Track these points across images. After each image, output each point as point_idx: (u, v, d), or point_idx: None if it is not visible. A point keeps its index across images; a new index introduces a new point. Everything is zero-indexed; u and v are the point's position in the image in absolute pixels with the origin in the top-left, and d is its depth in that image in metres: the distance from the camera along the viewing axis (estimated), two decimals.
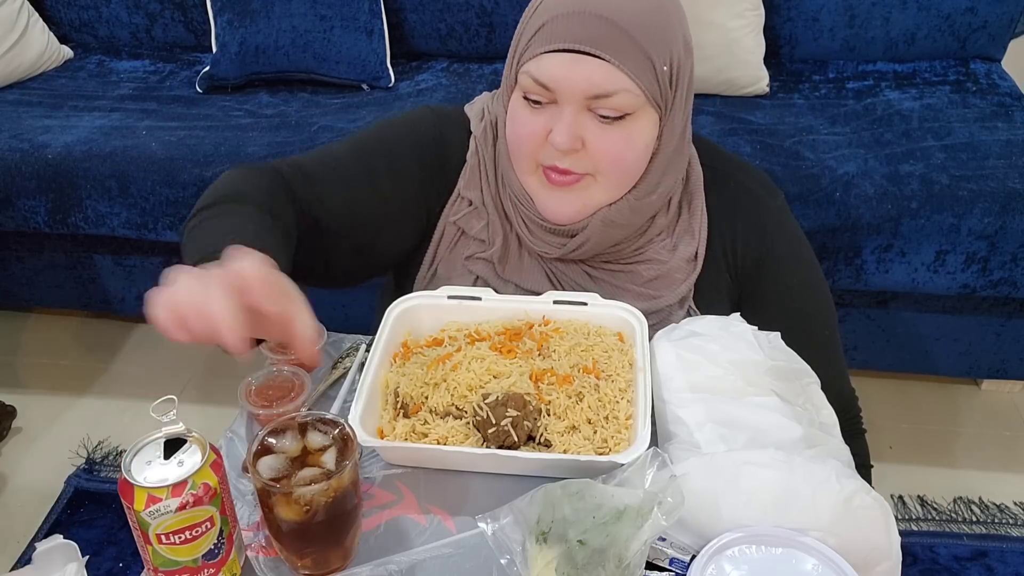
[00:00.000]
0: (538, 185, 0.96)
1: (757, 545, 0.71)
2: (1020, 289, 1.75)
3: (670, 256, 1.01)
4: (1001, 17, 2.13)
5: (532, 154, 0.93)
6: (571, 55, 0.86)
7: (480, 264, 1.03)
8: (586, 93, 0.87)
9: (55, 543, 0.72)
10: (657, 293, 1.01)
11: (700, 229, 1.01)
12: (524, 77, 0.90)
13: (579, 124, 0.89)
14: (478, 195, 1.02)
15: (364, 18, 2.16)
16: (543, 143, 0.91)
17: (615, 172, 0.92)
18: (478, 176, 1.03)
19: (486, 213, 1.02)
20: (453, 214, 1.04)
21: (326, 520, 0.70)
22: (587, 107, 0.88)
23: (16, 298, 2.24)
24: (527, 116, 0.92)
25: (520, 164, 0.96)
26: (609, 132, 0.89)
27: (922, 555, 1.68)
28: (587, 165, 0.91)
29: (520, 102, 0.92)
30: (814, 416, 0.84)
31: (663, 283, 1.01)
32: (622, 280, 1.02)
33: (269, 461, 0.70)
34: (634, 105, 0.88)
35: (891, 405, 2.04)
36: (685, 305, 1.01)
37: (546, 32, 0.87)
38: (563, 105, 0.88)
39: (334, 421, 0.73)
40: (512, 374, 0.86)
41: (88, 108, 2.11)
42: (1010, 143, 1.83)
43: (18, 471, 1.91)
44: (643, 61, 0.87)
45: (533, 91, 0.89)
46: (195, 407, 2.00)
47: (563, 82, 0.87)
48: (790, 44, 2.22)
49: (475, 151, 1.03)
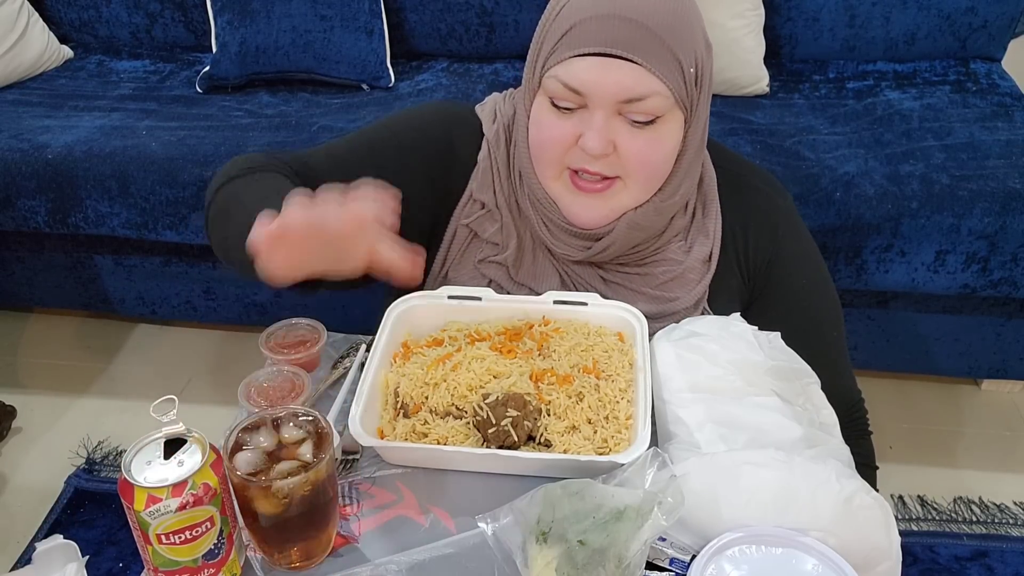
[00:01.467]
0: (563, 190, 0.94)
1: (757, 545, 0.71)
2: (1020, 289, 1.75)
3: (685, 257, 1.01)
4: (1001, 17, 2.13)
5: (559, 159, 0.92)
6: (602, 59, 0.85)
7: (493, 267, 1.02)
8: (618, 97, 0.86)
9: (55, 543, 0.72)
10: (672, 295, 1.00)
11: (715, 230, 1.01)
12: (551, 82, 0.88)
13: (611, 128, 0.88)
14: (491, 197, 1.01)
15: (364, 18, 2.16)
16: (571, 147, 0.90)
17: (644, 175, 0.91)
18: (491, 178, 1.01)
19: (499, 216, 1.01)
20: (465, 216, 1.02)
21: (305, 512, 0.70)
22: (618, 111, 0.87)
23: (16, 298, 2.24)
24: (554, 121, 0.90)
25: (545, 169, 0.94)
26: (640, 136, 0.88)
27: (922, 555, 1.68)
28: (617, 168, 0.91)
29: (546, 106, 0.90)
30: (814, 416, 0.84)
31: (678, 284, 1.00)
32: (637, 283, 1.01)
33: (245, 456, 0.71)
34: (664, 108, 0.87)
35: (891, 405, 2.04)
36: (700, 307, 1.01)
37: (574, 36, 0.86)
38: (594, 110, 0.87)
39: (308, 414, 0.73)
40: (512, 374, 0.86)
41: (88, 108, 2.11)
42: (1010, 143, 1.83)
43: (18, 471, 1.91)
44: (672, 63, 0.86)
45: (562, 96, 0.88)
46: (195, 407, 1.99)
47: (595, 87, 0.86)
48: (790, 44, 2.22)
49: (488, 153, 1.01)
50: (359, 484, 0.83)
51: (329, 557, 0.76)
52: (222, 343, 2.27)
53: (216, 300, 2.12)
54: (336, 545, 0.76)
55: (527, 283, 1.02)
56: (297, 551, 0.74)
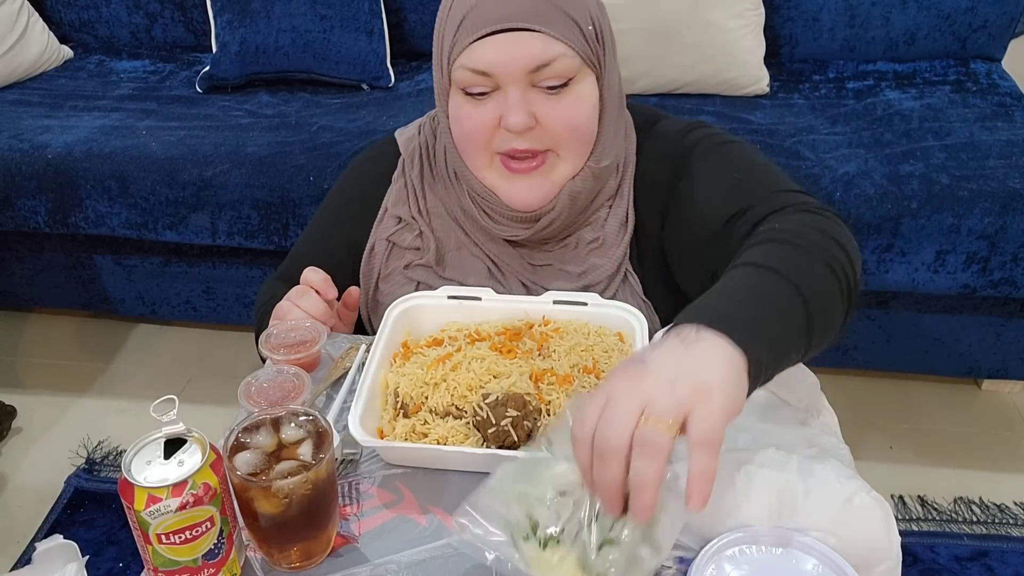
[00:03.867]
0: (498, 178, 0.96)
1: (757, 545, 0.71)
2: (1020, 289, 1.75)
3: (605, 222, 1.02)
4: (1001, 17, 2.13)
5: (485, 146, 0.94)
6: (503, 35, 0.87)
7: (420, 270, 1.06)
8: (526, 68, 0.88)
9: (55, 543, 0.72)
10: (596, 263, 1.01)
11: (628, 190, 1.02)
12: (460, 72, 0.90)
13: (528, 101, 0.90)
14: (406, 210, 1.06)
15: (364, 18, 2.16)
16: (495, 131, 0.92)
17: (573, 139, 0.93)
18: (405, 194, 1.06)
19: (417, 226, 1.05)
20: (383, 232, 1.07)
21: (305, 512, 0.70)
22: (531, 83, 0.89)
23: (16, 298, 2.24)
24: (472, 110, 0.92)
25: (475, 160, 0.96)
26: (558, 102, 0.90)
27: (922, 555, 1.68)
28: (545, 140, 0.92)
29: (461, 99, 0.93)
30: (814, 416, 0.84)
31: (600, 252, 1.01)
32: (561, 259, 1.03)
33: (245, 456, 0.71)
34: (573, 68, 0.89)
35: (891, 405, 2.04)
36: (622, 269, 1.01)
37: (470, 22, 0.88)
38: (507, 87, 0.89)
39: (308, 414, 0.73)
40: (512, 374, 0.86)
41: (88, 108, 2.11)
42: (1010, 143, 1.83)
43: (18, 471, 1.91)
44: (569, 24, 0.89)
45: (473, 83, 0.90)
46: (195, 407, 1.99)
47: (502, 64, 0.88)
48: (790, 44, 2.22)
49: (402, 171, 1.07)
50: (359, 484, 0.83)
51: (329, 557, 0.76)
52: (222, 343, 2.27)
53: (216, 300, 2.12)
54: (336, 545, 0.76)
55: (455, 278, 1.05)
56: (297, 551, 0.74)
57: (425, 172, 1.06)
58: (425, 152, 1.07)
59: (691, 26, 1.99)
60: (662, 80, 2.06)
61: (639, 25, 1.97)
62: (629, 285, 1.01)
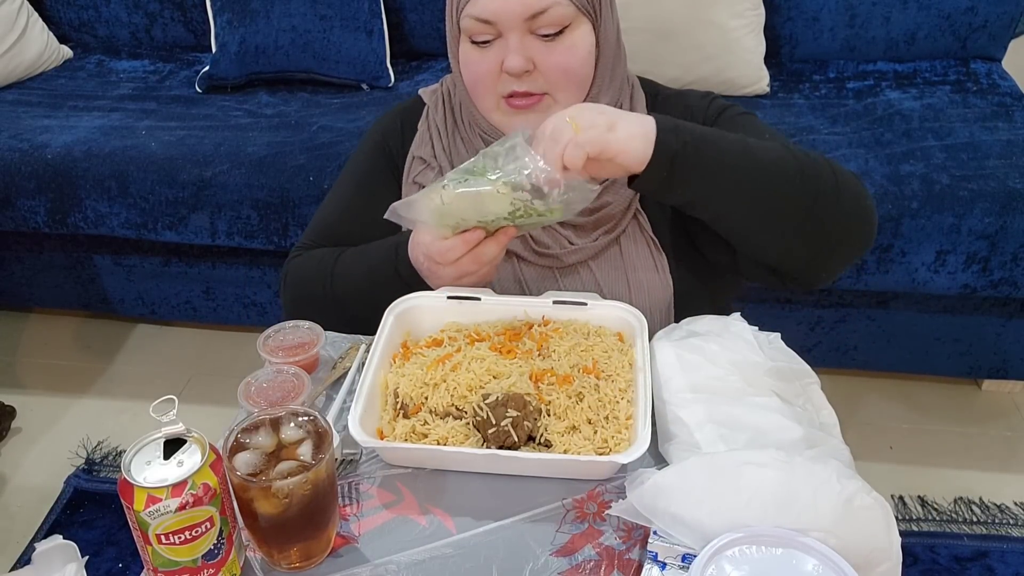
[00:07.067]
0: (503, 117, 1.04)
1: (757, 545, 0.71)
2: (1020, 289, 1.75)
3: None
4: (1001, 17, 2.13)
5: (491, 89, 1.02)
6: None
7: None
8: (524, 15, 0.96)
9: (55, 543, 0.72)
10: (608, 200, 1.05)
11: None
12: (467, 21, 0.98)
13: (526, 47, 0.98)
14: (429, 152, 1.12)
15: (364, 18, 2.16)
16: (498, 76, 1.00)
17: (567, 83, 1.01)
18: (428, 136, 1.13)
19: (438, 165, 1.11)
20: (411, 174, 1.13)
21: (305, 512, 0.70)
22: (529, 30, 0.97)
23: (16, 298, 2.24)
24: (478, 57, 1.01)
25: (483, 102, 1.04)
26: (554, 47, 0.98)
27: (923, 555, 1.68)
28: (541, 84, 1.00)
29: (468, 47, 1.01)
30: (814, 416, 0.84)
31: (613, 189, 1.05)
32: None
33: (245, 457, 0.71)
34: (568, 16, 0.97)
35: (891, 405, 2.04)
36: (632, 207, 1.06)
37: None
38: (507, 34, 0.98)
39: (308, 414, 0.73)
40: (512, 374, 0.86)
41: (88, 108, 2.11)
42: (1010, 143, 1.83)
43: (18, 471, 1.91)
44: None
45: (477, 31, 0.99)
46: (195, 407, 2.00)
47: (502, 11, 0.96)
48: (790, 44, 2.22)
49: (425, 117, 1.14)
50: (359, 484, 0.83)
51: (329, 557, 0.76)
52: (222, 343, 2.27)
53: (216, 300, 2.12)
54: (336, 545, 0.76)
55: None
56: (297, 551, 0.74)
57: (448, 117, 1.12)
58: (447, 98, 1.13)
59: (691, 26, 1.99)
60: (662, 79, 2.04)
61: (640, 25, 1.97)
62: (638, 223, 1.06)
